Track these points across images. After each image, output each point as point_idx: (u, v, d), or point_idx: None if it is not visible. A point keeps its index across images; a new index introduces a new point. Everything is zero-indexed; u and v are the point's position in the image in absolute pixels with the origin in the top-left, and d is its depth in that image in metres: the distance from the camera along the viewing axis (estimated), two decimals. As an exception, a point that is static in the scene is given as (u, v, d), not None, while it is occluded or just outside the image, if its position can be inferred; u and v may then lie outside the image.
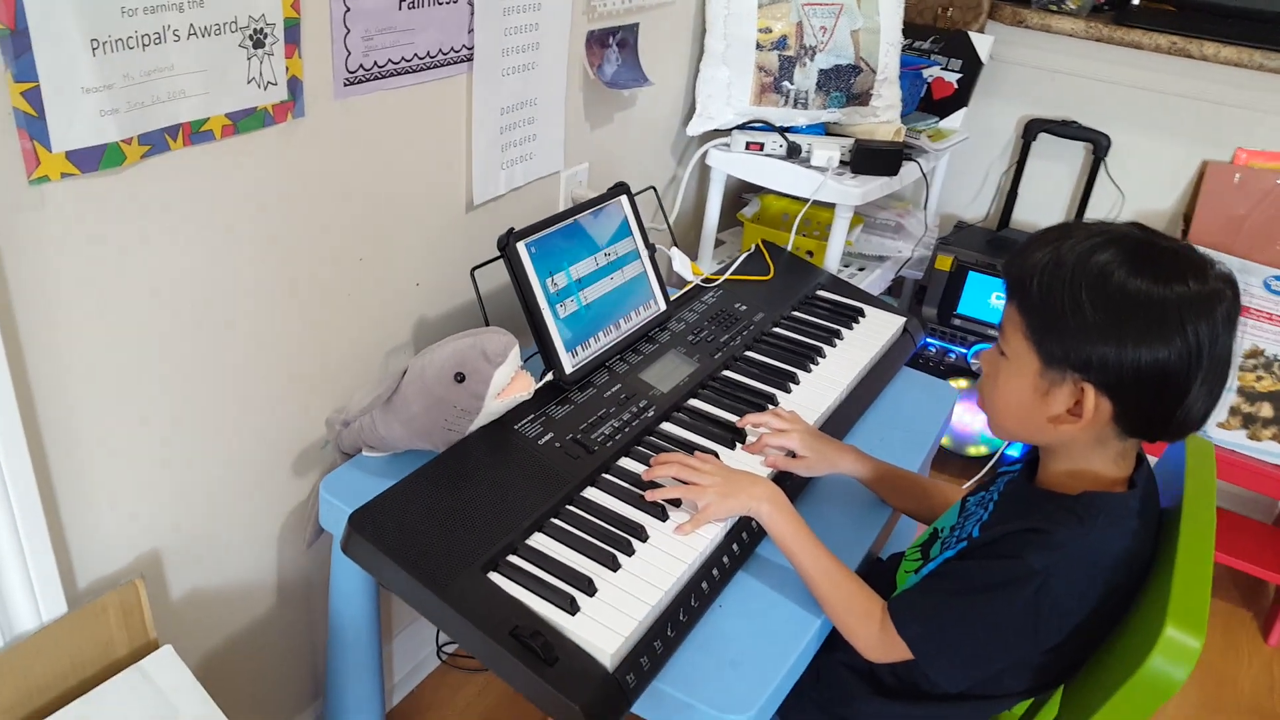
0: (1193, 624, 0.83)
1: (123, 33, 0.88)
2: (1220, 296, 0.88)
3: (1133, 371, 0.88)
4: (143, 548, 1.14)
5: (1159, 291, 0.87)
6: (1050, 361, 0.93)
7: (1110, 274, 0.88)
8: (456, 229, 1.46)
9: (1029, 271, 0.93)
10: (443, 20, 1.27)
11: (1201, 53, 2.08)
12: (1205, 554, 0.92)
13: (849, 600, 1.05)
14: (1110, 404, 0.91)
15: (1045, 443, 1.01)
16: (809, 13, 1.87)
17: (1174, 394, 0.89)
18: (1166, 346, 0.87)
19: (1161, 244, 0.92)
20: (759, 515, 1.11)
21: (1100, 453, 0.97)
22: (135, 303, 1.02)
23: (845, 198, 1.87)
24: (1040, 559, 0.93)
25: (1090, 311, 0.89)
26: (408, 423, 1.18)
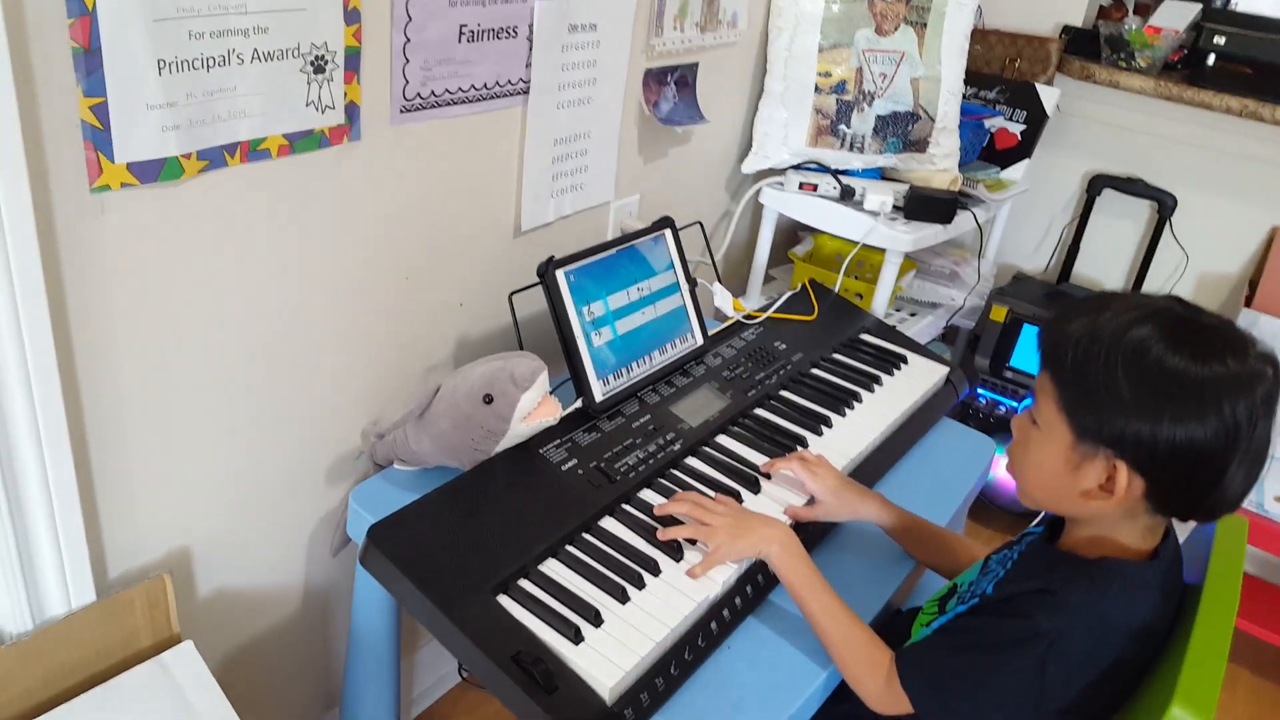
0: (1200, 705, 0.81)
1: (189, 54, 0.93)
2: (1261, 377, 0.87)
3: (1167, 451, 0.87)
4: (174, 543, 1.19)
5: (1197, 370, 0.86)
6: (1083, 435, 0.92)
7: (1148, 350, 0.87)
8: (503, 253, 1.50)
9: (1065, 342, 0.92)
10: (501, 54, 1.31)
11: (1274, 117, 2.04)
12: (1223, 633, 0.90)
13: (856, 649, 1.05)
14: (1143, 482, 0.90)
15: (1074, 515, 1.00)
16: (870, 59, 1.88)
17: (1209, 475, 0.88)
18: (1203, 426, 0.85)
19: (1202, 321, 0.90)
20: (769, 557, 1.11)
21: (1128, 526, 0.96)
22: (185, 309, 1.07)
23: (895, 243, 1.87)
24: (1049, 621, 0.92)
25: (1126, 387, 0.88)
26: (437, 439, 1.21)
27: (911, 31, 1.89)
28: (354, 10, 1.07)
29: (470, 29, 1.24)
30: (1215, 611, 0.93)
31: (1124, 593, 0.93)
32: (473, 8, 1.23)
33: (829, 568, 1.18)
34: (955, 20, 1.89)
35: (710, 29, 1.74)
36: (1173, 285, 2.34)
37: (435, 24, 1.18)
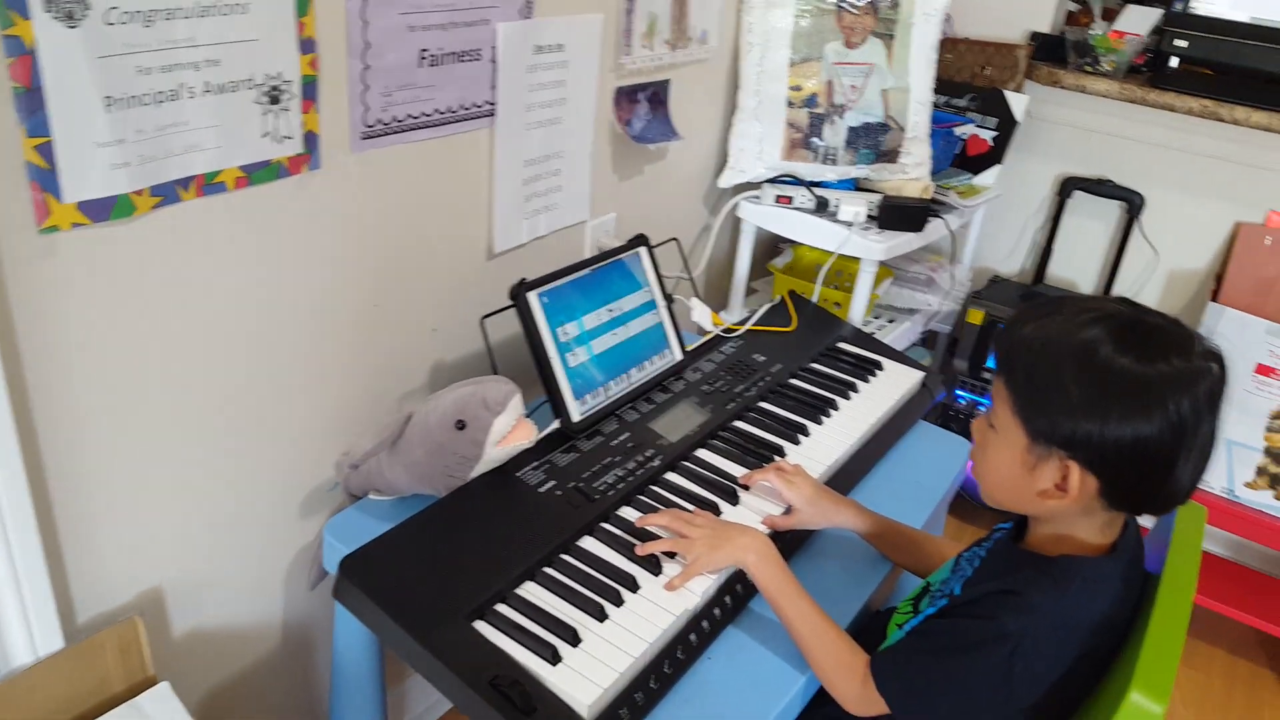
0: (1157, 690, 0.83)
1: (137, 90, 0.92)
2: (1204, 373, 0.88)
3: (1115, 449, 0.89)
4: (145, 584, 1.17)
5: (1142, 369, 0.87)
6: (1036, 437, 0.93)
7: (1095, 352, 0.89)
8: (476, 277, 1.49)
9: (1016, 348, 0.95)
10: (465, 77, 1.31)
11: (1233, 116, 2.06)
12: (1180, 621, 0.91)
13: (832, 653, 1.06)
14: (1096, 480, 0.92)
15: (1034, 514, 1.01)
16: (839, 72, 1.89)
17: (1159, 471, 0.89)
18: (1150, 424, 0.87)
19: (1148, 321, 0.92)
20: (745, 565, 1.11)
21: (1087, 522, 0.98)
22: (146, 347, 1.06)
23: (869, 252, 1.87)
24: (1014, 621, 0.93)
25: (1074, 389, 0.89)
26: (411, 467, 1.21)
27: (880, 44, 1.90)
28: (309, 39, 1.07)
29: (431, 53, 1.24)
30: (1172, 599, 0.94)
31: (1084, 589, 0.94)
32: (433, 32, 1.23)
33: (807, 573, 1.18)
34: (922, 31, 1.90)
35: (680, 46, 1.75)
36: (1144, 282, 2.35)
37: (394, 50, 1.18)
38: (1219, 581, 2.24)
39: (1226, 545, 2.43)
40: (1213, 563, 2.35)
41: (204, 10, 0.96)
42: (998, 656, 0.93)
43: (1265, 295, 2.10)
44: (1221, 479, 2.10)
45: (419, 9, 1.19)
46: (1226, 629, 2.29)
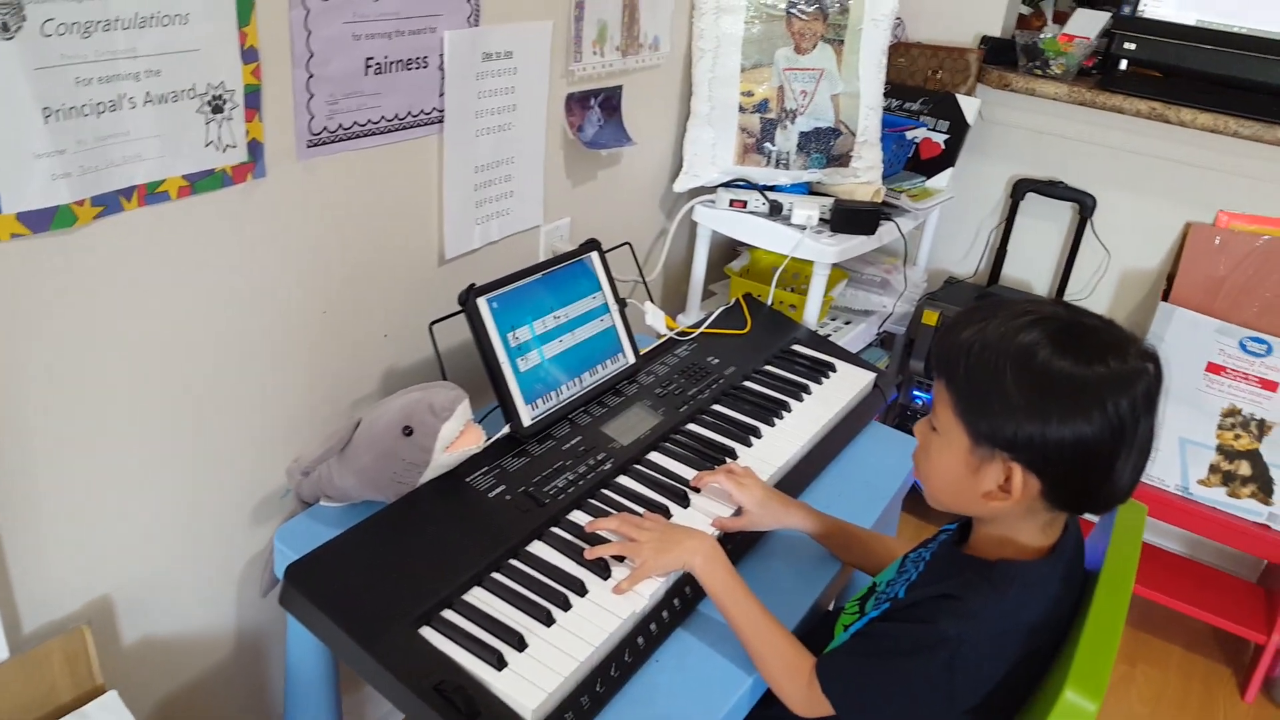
0: (1091, 688, 0.85)
1: (76, 101, 0.93)
2: (1141, 374, 0.90)
3: (1057, 450, 0.90)
4: (94, 593, 1.17)
5: (1081, 371, 0.89)
6: (979, 440, 0.95)
7: (1034, 354, 0.90)
8: (428, 282, 1.50)
9: (956, 351, 0.95)
10: (412, 85, 1.32)
11: (1179, 118, 2.10)
12: (1116, 619, 0.93)
13: (778, 655, 1.07)
14: (1038, 481, 0.93)
15: (978, 515, 1.03)
16: (790, 77, 1.91)
17: (1099, 471, 0.91)
18: (1089, 424, 0.89)
19: (1085, 323, 0.94)
20: (693, 569, 1.13)
21: (1029, 523, 0.99)
22: (92, 356, 1.06)
23: (822, 255, 1.89)
24: (953, 626, 0.95)
25: (1015, 392, 0.91)
26: (360, 474, 1.21)
27: (830, 49, 1.92)
28: (251, 49, 1.07)
29: (377, 61, 1.25)
30: (1109, 598, 0.96)
31: (1023, 593, 0.96)
32: (379, 40, 1.24)
33: (756, 575, 1.20)
34: (871, 37, 1.93)
35: (632, 53, 1.76)
36: (1096, 282, 2.39)
37: (339, 58, 1.19)
38: (1174, 578, 2.28)
39: (1182, 542, 2.47)
40: (1168, 560, 2.40)
41: (144, 21, 0.96)
42: (938, 661, 0.94)
43: (1215, 295, 2.14)
44: (1175, 476, 2.14)
45: (364, 18, 1.20)
46: (1182, 625, 2.33)
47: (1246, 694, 2.15)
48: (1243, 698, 2.16)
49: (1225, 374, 2.07)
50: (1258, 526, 2.08)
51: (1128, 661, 2.23)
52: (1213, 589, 2.27)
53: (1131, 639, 2.30)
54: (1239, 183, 2.17)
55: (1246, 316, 2.09)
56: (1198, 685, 2.19)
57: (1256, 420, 2.06)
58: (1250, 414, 2.06)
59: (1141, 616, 2.36)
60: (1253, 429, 2.06)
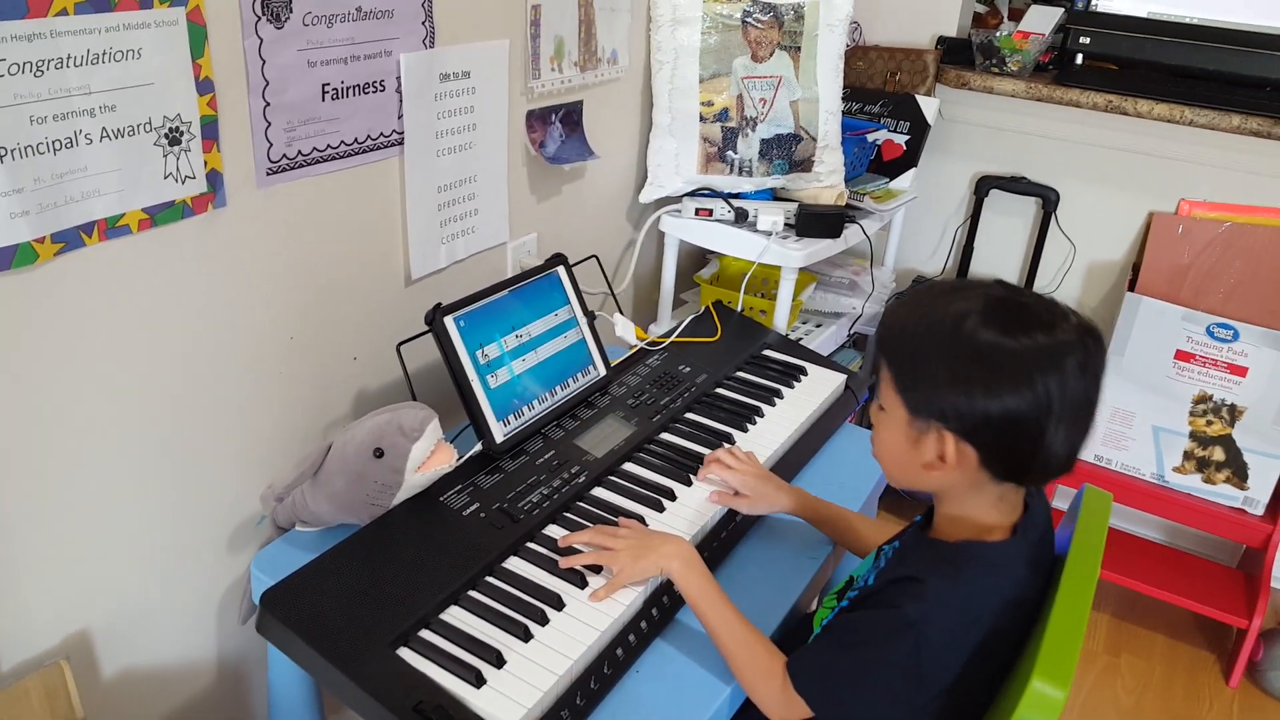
0: (1058, 676, 0.86)
1: (32, 140, 0.93)
2: (1070, 347, 0.92)
3: (985, 420, 0.93)
4: (72, 627, 1.17)
5: (1006, 344, 0.92)
6: (915, 412, 0.98)
7: (961, 328, 0.93)
8: (395, 303, 1.50)
9: (893, 329, 1.00)
10: (370, 108, 1.33)
11: (1136, 110, 2.13)
12: (1082, 606, 0.94)
13: (752, 658, 1.07)
14: (973, 450, 0.96)
15: (927, 488, 1.05)
16: (749, 86, 1.93)
17: (1029, 440, 0.93)
18: (1016, 396, 0.91)
19: (1018, 299, 0.96)
20: (670, 573, 1.13)
21: (978, 497, 1.01)
22: (60, 392, 1.06)
23: (789, 260, 1.91)
24: (916, 609, 0.96)
25: (941, 364, 0.95)
26: (333, 498, 1.21)
27: (786, 56, 1.94)
28: (206, 80, 1.08)
29: (334, 87, 1.25)
30: (1075, 585, 0.97)
31: (984, 573, 0.98)
32: (334, 66, 1.25)
33: (736, 577, 1.23)
34: (827, 43, 1.95)
35: (590, 68, 1.78)
36: (1063, 275, 2.42)
37: (295, 86, 1.20)
38: (1154, 567, 2.30)
39: (1160, 530, 2.50)
40: (1147, 548, 2.42)
41: (96, 58, 0.97)
42: (905, 645, 0.96)
43: (1180, 283, 2.17)
44: (1150, 465, 2.17)
45: (318, 45, 1.20)
46: (1164, 614, 2.35)
47: (1231, 679, 2.17)
48: (1227, 683, 2.18)
49: (1195, 361, 2.09)
50: (1234, 511, 2.11)
51: (1111, 652, 2.25)
52: (1193, 576, 2.29)
53: (1114, 629, 2.32)
54: (1199, 171, 2.21)
55: (1212, 303, 2.12)
56: (1182, 673, 2.21)
57: (1228, 406, 2.08)
58: (1221, 399, 2.08)
59: (1124, 606, 2.38)
60: (1224, 414, 2.09)
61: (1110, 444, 2.20)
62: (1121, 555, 2.33)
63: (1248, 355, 2.04)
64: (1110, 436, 2.19)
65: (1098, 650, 2.25)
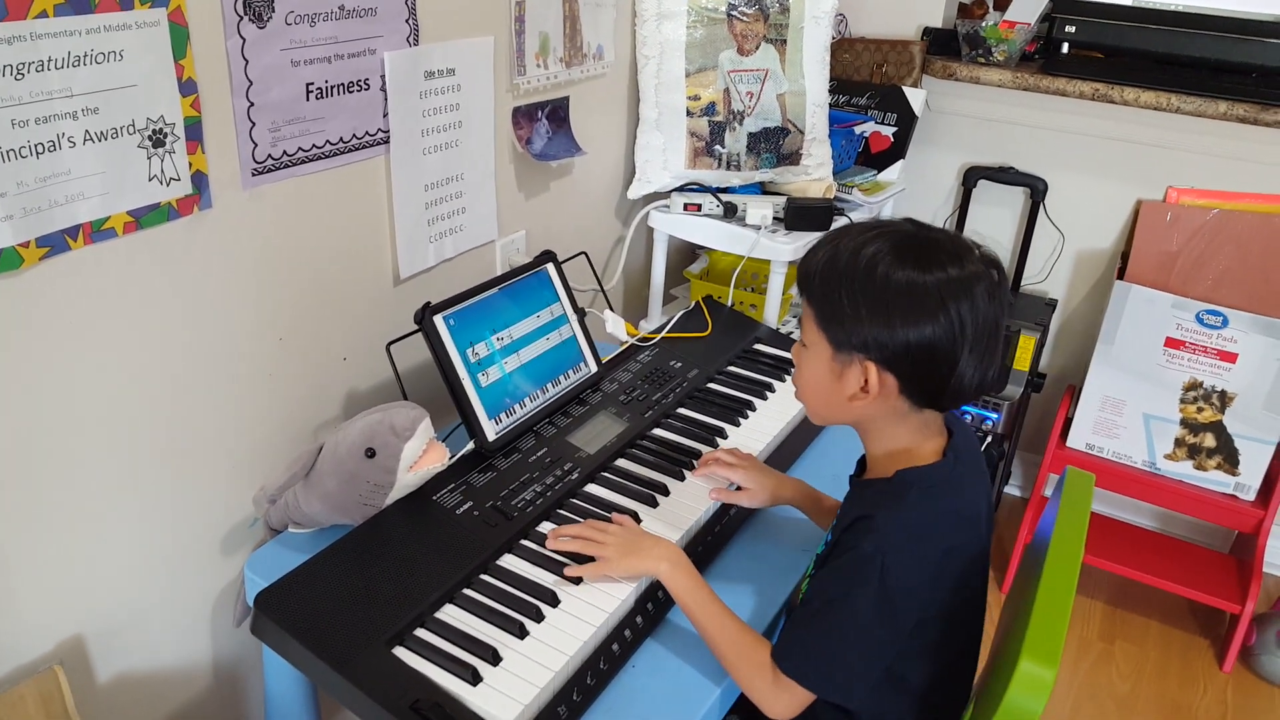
0: (1046, 657, 0.86)
1: (14, 144, 0.92)
2: (979, 277, 0.98)
3: (903, 349, 0.98)
4: (65, 633, 1.16)
5: (920, 277, 0.97)
6: (838, 347, 1.02)
7: (877, 264, 0.98)
8: (384, 303, 1.50)
9: (812, 268, 1.04)
10: (355, 107, 1.32)
11: (1123, 98, 2.14)
12: (1066, 587, 0.95)
13: (744, 655, 1.07)
14: (894, 378, 1.00)
15: (850, 421, 1.09)
16: (735, 79, 1.93)
17: (945, 365, 0.98)
18: (932, 324, 0.96)
19: (927, 235, 1.01)
20: (659, 575, 1.13)
21: (902, 426, 1.06)
22: (49, 397, 1.05)
23: (778, 254, 1.91)
24: (871, 542, 1.00)
25: (861, 299, 0.99)
26: (325, 498, 1.21)
27: (772, 49, 1.94)
28: (189, 81, 1.07)
29: (318, 86, 1.25)
30: (1059, 566, 0.98)
31: (925, 495, 1.03)
32: (318, 65, 1.24)
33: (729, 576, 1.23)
34: (813, 35, 1.95)
35: (575, 63, 1.78)
36: (1052, 264, 2.43)
37: (279, 86, 1.19)
38: (1147, 554, 2.32)
39: (1152, 517, 2.51)
40: (1140, 535, 2.43)
41: (77, 60, 0.96)
42: (872, 581, 0.99)
43: (1169, 270, 2.18)
44: (1142, 452, 2.18)
45: (301, 44, 1.20)
46: (1158, 600, 2.37)
47: (1224, 664, 2.18)
48: (1221, 668, 2.19)
49: (1184, 348, 2.10)
50: (1225, 497, 2.12)
51: (1105, 639, 2.26)
52: (1186, 562, 2.31)
53: (1108, 616, 2.33)
54: (1186, 158, 2.22)
55: (1201, 290, 2.13)
56: (1176, 658, 2.22)
57: (1218, 392, 2.09)
58: (1211, 386, 2.09)
59: (1117, 593, 2.39)
60: (1215, 401, 2.09)
61: (1101, 432, 2.20)
62: (1114, 543, 2.34)
63: (1237, 341, 2.05)
64: (1101, 425, 2.20)
65: (1092, 638, 2.26)
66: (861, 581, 0.99)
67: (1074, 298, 2.46)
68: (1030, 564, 1.13)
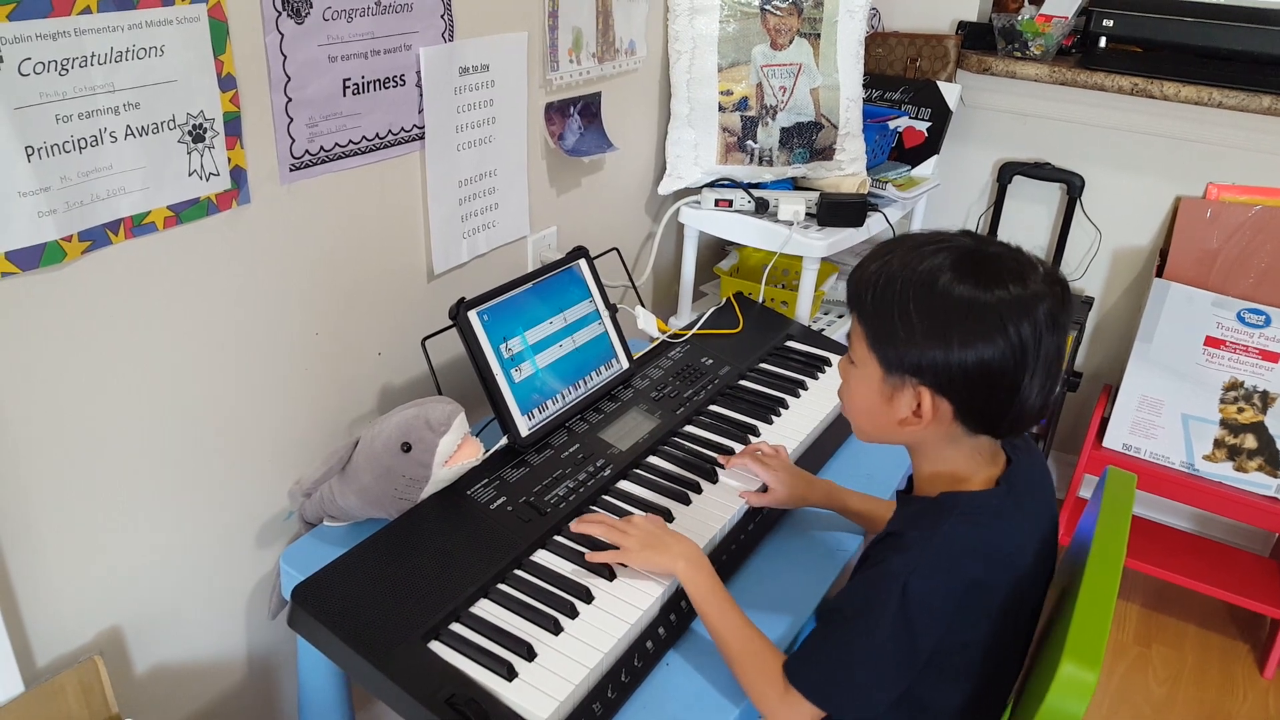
0: (1088, 659, 0.85)
1: (58, 138, 0.93)
2: (1041, 297, 0.92)
3: (960, 372, 0.93)
4: (104, 624, 1.17)
5: (980, 296, 0.91)
6: (889, 368, 0.97)
7: (934, 281, 0.93)
8: (418, 299, 1.50)
9: (864, 283, 0.99)
10: (391, 103, 1.32)
11: (1163, 93, 2.10)
12: (1109, 589, 0.93)
13: (756, 664, 1.04)
14: (948, 403, 0.95)
15: (900, 442, 1.05)
16: (768, 74, 1.92)
17: (1005, 391, 0.93)
18: (991, 347, 0.91)
19: (988, 250, 0.96)
20: (676, 572, 1.12)
21: (955, 450, 1.01)
22: (89, 389, 1.06)
23: (811, 250, 1.90)
24: (897, 561, 0.96)
25: (916, 318, 0.93)
26: (361, 493, 1.22)
27: (806, 43, 1.93)
28: (229, 77, 1.08)
29: (355, 82, 1.25)
30: (1101, 568, 0.96)
31: (964, 520, 0.97)
32: (355, 61, 1.24)
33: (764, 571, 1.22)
34: (847, 28, 1.93)
35: (608, 59, 1.77)
36: (1089, 262, 2.40)
37: (316, 81, 1.19)
38: (1185, 556, 2.28)
39: (1190, 519, 2.47)
40: (1177, 538, 2.39)
41: (119, 55, 0.97)
42: (893, 600, 0.94)
43: (1209, 268, 2.14)
44: (1180, 453, 2.14)
45: (338, 40, 1.20)
46: (1196, 603, 2.33)
47: (1265, 670, 2.14)
48: (1261, 673, 2.15)
49: (1225, 347, 2.06)
50: (1267, 500, 2.08)
51: (1142, 642, 2.23)
52: (1225, 565, 2.26)
53: (1145, 619, 2.30)
54: (1227, 154, 2.18)
55: (1243, 288, 2.09)
56: (1215, 663, 2.19)
57: (1259, 392, 2.05)
58: (1253, 386, 2.05)
59: (1154, 596, 2.36)
60: (1256, 401, 2.06)
61: (1138, 432, 2.17)
62: (1151, 545, 2.30)
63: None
64: (1139, 425, 2.17)
65: (1128, 641, 2.23)
66: (881, 600, 0.95)
67: (1111, 295, 2.43)
68: (1067, 566, 1.12)
